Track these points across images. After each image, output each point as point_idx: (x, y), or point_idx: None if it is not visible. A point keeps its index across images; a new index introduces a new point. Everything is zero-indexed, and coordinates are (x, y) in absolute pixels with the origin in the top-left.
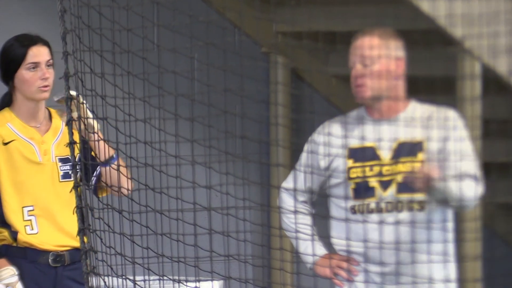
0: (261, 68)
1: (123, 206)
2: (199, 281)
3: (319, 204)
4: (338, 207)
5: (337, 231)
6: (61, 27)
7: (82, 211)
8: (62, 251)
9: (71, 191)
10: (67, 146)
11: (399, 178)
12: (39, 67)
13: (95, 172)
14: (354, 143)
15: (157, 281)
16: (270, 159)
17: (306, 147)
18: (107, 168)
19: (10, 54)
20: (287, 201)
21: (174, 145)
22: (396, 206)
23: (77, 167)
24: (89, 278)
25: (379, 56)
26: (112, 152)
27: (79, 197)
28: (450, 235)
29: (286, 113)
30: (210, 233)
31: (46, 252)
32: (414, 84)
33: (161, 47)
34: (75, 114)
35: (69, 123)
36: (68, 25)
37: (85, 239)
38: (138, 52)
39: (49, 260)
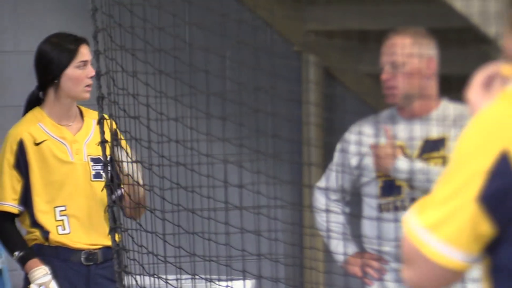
0: (293, 67)
1: (155, 205)
2: (231, 280)
3: (353, 203)
4: (369, 206)
5: (367, 229)
6: (92, 25)
7: (113, 210)
8: (94, 249)
9: (102, 190)
10: (98, 145)
11: None
12: (86, 66)
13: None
14: (384, 142)
15: (189, 280)
16: (302, 158)
17: (338, 146)
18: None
19: (60, 51)
20: (320, 200)
21: (206, 144)
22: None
23: (108, 166)
24: (121, 277)
25: (410, 57)
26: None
27: (109, 196)
28: None
29: (318, 112)
30: (242, 232)
31: (78, 251)
32: (447, 83)
33: (193, 45)
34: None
35: (100, 121)
36: (100, 23)
37: (117, 238)
38: (170, 51)
39: (82, 259)
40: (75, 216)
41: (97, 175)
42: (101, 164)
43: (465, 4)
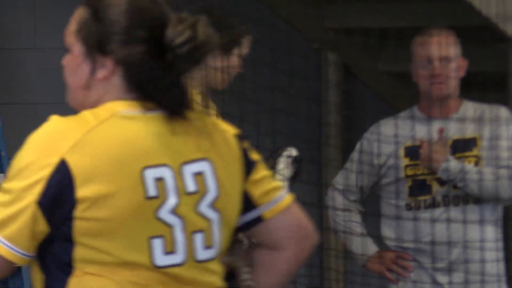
0: (312, 65)
1: None
2: None
3: (368, 202)
4: (389, 205)
5: (389, 228)
6: None
7: None
8: None
9: None
10: None
11: None
12: None
13: None
14: (409, 141)
15: None
16: (321, 157)
17: (358, 145)
18: None
19: None
20: (337, 200)
21: None
22: (452, 200)
23: None
24: None
25: (454, 56)
26: None
27: None
28: (500, 231)
29: (337, 110)
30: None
31: None
32: (466, 81)
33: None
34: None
35: None
36: None
37: None
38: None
39: None
40: None
41: None
42: None
43: (484, 2)
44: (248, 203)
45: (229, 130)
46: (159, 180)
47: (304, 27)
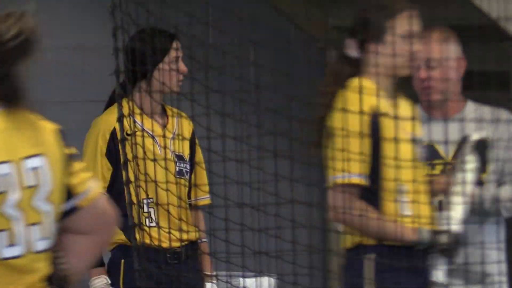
0: (317, 64)
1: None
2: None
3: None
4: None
5: None
6: (112, 22)
7: (132, 208)
8: (178, 247)
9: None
10: (181, 141)
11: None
12: (178, 61)
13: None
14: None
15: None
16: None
17: None
18: None
19: (154, 47)
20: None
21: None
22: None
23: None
24: (141, 274)
25: (445, 58)
26: None
27: (129, 194)
28: (503, 232)
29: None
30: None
31: (163, 250)
32: (468, 80)
33: (212, 45)
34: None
35: (120, 119)
36: (118, 21)
37: (137, 236)
38: (185, 50)
39: (167, 258)
40: (160, 210)
41: (180, 172)
42: (183, 161)
43: (486, 2)
44: (67, 194)
45: (49, 125)
46: (3, 176)
47: (308, 26)
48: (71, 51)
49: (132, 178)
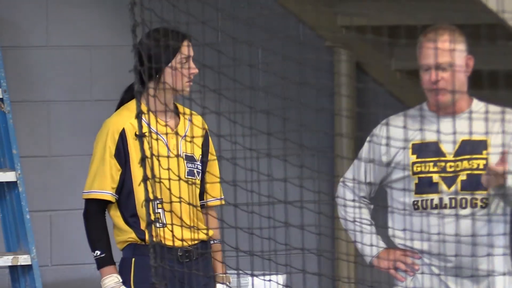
0: (325, 62)
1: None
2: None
3: (376, 198)
4: (397, 202)
5: (397, 225)
6: (131, 19)
7: (150, 205)
8: (189, 246)
9: (139, 184)
10: (191, 142)
11: (464, 175)
12: (189, 62)
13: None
14: (417, 138)
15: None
16: (333, 152)
17: (367, 141)
18: None
19: (163, 46)
20: (347, 195)
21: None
22: (459, 203)
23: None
24: (157, 271)
25: (454, 57)
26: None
27: (146, 191)
28: (508, 227)
29: (349, 107)
30: (287, 226)
31: (174, 249)
32: (477, 79)
33: (237, 40)
34: None
35: (138, 116)
36: (138, 17)
37: (154, 233)
38: (214, 46)
39: (178, 256)
40: (169, 210)
41: (190, 173)
42: (194, 162)
43: (495, 0)
44: None
45: None
46: None
47: (316, 25)
48: (79, 50)
49: (149, 175)
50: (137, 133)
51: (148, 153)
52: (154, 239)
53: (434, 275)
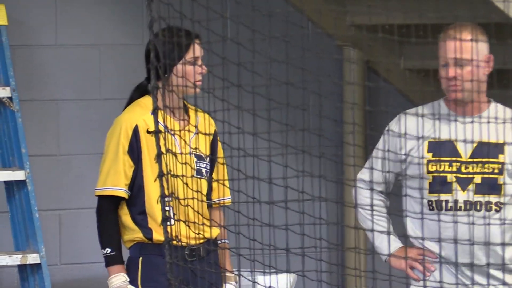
0: (335, 62)
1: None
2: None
3: (394, 195)
4: (411, 200)
5: (413, 224)
6: (148, 15)
7: (164, 201)
8: (197, 244)
9: (155, 180)
10: (201, 139)
11: (478, 178)
12: (198, 62)
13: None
14: (434, 136)
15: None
16: (343, 153)
17: (382, 137)
18: None
19: (172, 46)
20: (362, 192)
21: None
22: (474, 206)
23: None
24: (172, 267)
25: (474, 55)
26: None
27: (162, 187)
28: None
29: (359, 107)
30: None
31: (181, 247)
32: (488, 78)
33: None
34: None
35: (154, 112)
36: (155, 13)
37: (168, 229)
38: (234, 41)
39: (185, 255)
40: (178, 208)
41: (199, 172)
42: (203, 161)
43: None
44: None
45: None
46: None
47: (326, 24)
48: (87, 49)
49: (165, 171)
50: (150, 129)
51: (163, 149)
52: (169, 235)
53: (450, 273)
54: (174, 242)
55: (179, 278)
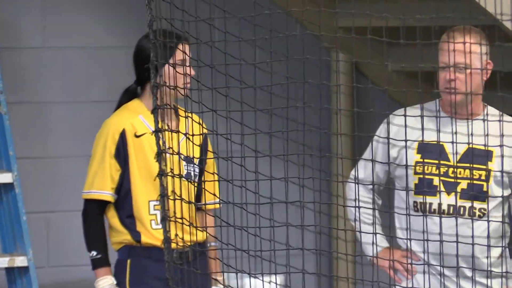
0: (323, 63)
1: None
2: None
3: (384, 194)
4: (402, 200)
5: (400, 223)
6: (148, 14)
7: (164, 200)
8: (185, 247)
9: (155, 179)
10: (191, 142)
11: (464, 183)
12: (185, 64)
13: None
14: (425, 138)
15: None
16: (331, 152)
17: (375, 136)
18: None
19: (158, 48)
20: (354, 190)
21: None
22: (457, 211)
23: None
24: (170, 268)
25: (474, 59)
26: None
27: (162, 186)
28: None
29: (347, 108)
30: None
31: (170, 250)
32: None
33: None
34: None
35: (154, 111)
36: (154, 13)
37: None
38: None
39: (174, 258)
40: (169, 211)
41: (188, 175)
42: (193, 164)
43: (492, 1)
44: None
45: None
46: None
47: (314, 26)
48: (76, 52)
49: (137, 176)
50: (137, 133)
51: (140, 151)
52: (148, 244)
53: (434, 276)
54: (161, 244)
55: (177, 278)
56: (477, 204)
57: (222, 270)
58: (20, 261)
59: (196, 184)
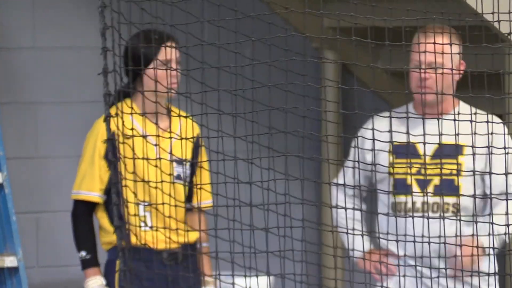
0: (311, 63)
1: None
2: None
3: (369, 200)
4: (383, 204)
5: (382, 227)
6: (100, 22)
7: (118, 208)
8: (175, 248)
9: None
10: (183, 142)
11: (437, 179)
12: (170, 65)
13: None
14: (398, 139)
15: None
16: (320, 155)
17: (353, 142)
18: None
19: (144, 48)
20: (336, 196)
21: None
22: (431, 207)
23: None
24: (126, 275)
25: (447, 58)
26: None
27: (116, 194)
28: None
29: (335, 108)
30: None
31: (159, 251)
32: (462, 80)
33: (206, 43)
34: None
35: (106, 119)
36: (109, 21)
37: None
38: (182, 49)
39: (163, 259)
40: (157, 213)
41: (178, 177)
42: (183, 165)
43: (479, 1)
44: None
45: None
46: None
47: (302, 26)
48: (66, 52)
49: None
50: (106, 137)
51: (128, 155)
52: (125, 242)
53: (415, 276)
54: (152, 245)
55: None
56: (450, 200)
57: (213, 270)
58: (10, 261)
59: (187, 184)
